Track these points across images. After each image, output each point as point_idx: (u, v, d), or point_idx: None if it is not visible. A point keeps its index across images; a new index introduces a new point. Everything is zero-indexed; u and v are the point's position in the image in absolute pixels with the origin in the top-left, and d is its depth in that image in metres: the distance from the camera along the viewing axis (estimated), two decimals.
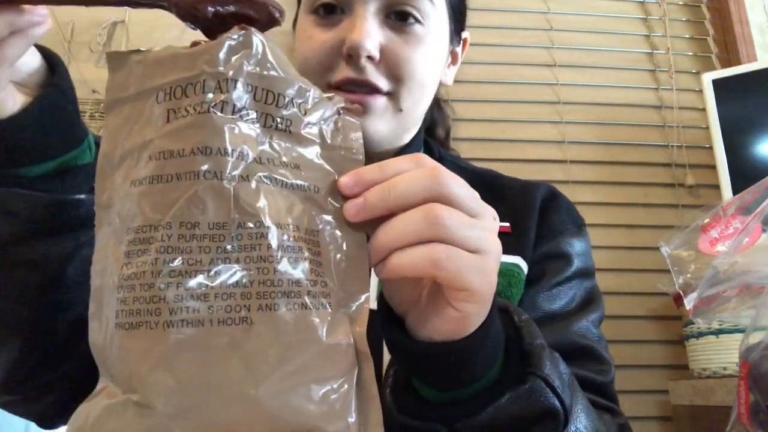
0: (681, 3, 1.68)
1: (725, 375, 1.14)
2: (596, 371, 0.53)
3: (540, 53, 1.60)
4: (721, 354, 1.16)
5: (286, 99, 0.32)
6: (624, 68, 1.61)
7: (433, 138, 0.71)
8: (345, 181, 0.33)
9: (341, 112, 0.35)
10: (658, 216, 1.50)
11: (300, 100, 0.33)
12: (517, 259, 0.57)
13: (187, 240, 0.28)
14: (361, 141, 0.35)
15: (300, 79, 0.33)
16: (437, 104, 0.77)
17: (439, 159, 0.66)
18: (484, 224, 0.33)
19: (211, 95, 0.29)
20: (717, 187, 1.35)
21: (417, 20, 0.54)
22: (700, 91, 1.43)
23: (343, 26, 0.53)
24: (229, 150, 0.29)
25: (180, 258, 0.28)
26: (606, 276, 1.44)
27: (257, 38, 0.31)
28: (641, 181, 1.53)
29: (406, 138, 0.60)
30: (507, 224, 0.60)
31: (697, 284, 0.46)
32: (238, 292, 0.28)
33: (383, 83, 0.54)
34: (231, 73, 0.30)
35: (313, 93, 0.33)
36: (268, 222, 0.29)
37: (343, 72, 0.53)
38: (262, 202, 0.29)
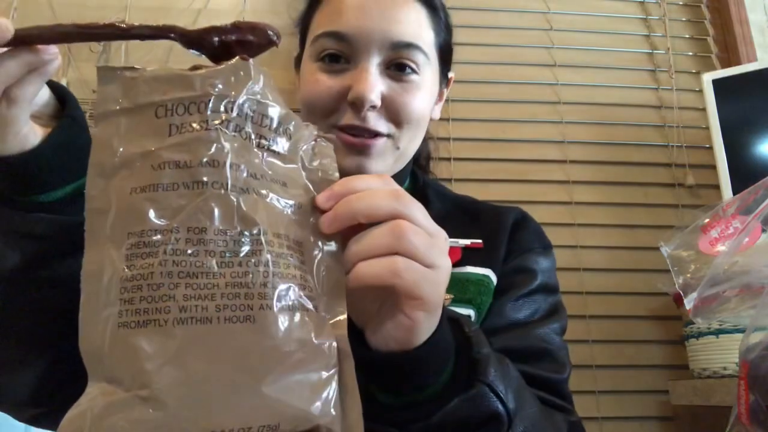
0: (681, 3, 1.68)
1: (725, 375, 1.14)
2: (550, 370, 0.58)
3: (540, 53, 1.60)
4: (721, 354, 1.16)
5: (275, 124, 0.36)
6: (624, 68, 1.60)
7: (416, 165, 0.78)
8: (320, 197, 0.37)
9: (317, 139, 0.40)
10: (658, 216, 1.50)
11: (286, 126, 0.37)
12: (487, 271, 0.63)
13: (195, 244, 0.30)
14: (335, 164, 0.40)
15: (286, 107, 0.37)
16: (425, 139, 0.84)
17: (423, 185, 0.73)
18: (439, 243, 0.39)
19: (216, 114, 0.33)
20: (717, 187, 1.35)
21: (413, 71, 0.60)
22: (700, 91, 1.43)
23: (349, 75, 0.59)
24: (233, 164, 0.32)
25: (188, 260, 0.30)
26: (606, 276, 1.44)
27: (256, 69, 0.35)
28: (641, 181, 1.52)
29: (398, 168, 0.66)
30: (480, 241, 0.66)
31: (697, 284, 0.46)
32: (242, 293, 0.30)
33: (383, 127, 0.59)
34: (234, 95, 0.34)
35: (296, 121, 0.38)
36: (266, 230, 0.32)
37: (348, 118, 0.58)
38: (260, 213, 0.33)
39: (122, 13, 1.49)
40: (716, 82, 1.35)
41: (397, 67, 0.60)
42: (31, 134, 0.41)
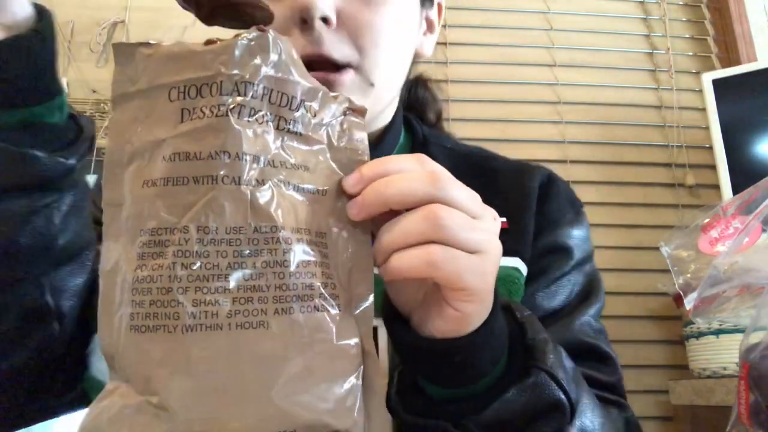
0: (681, 3, 1.68)
1: (725, 375, 1.14)
2: (601, 369, 0.53)
3: (540, 53, 1.60)
4: (721, 354, 1.16)
5: (297, 101, 0.32)
6: (624, 68, 1.61)
7: (424, 122, 0.66)
8: (348, 180, 0.33)
9: (347, 112, 0.35)
10: (658, 216, 1.50)
11: (309, 102, 0.33)
12: (516, 262, 0.55)
13: (205, 244, 0.28)
14: (366, 141, 0.35)
15: (309, 79, 0.33)
16: (424, 84, 0.71)
17: (423, 139, 0.62)
18: (485, 225, 0.34)
19: (228, 98, 0.29)
20: (717, 187, 1.35)
21: None
22: (700, 91, 1.43)
23: None
24: (246, 154, 0.29)
25: (198, 262, 0.28)
26: (606, 276, 1.43)
27: (274, 39, 0.31)
28: (641, 181, 1.53)
29: (384, 118, 0.57)
30: (503, 219, 0.55)
31: (697, 284, 0.46)
32: (255, 297, 0.28)
33: (344, 53, 0.47)
34: (248, 75, 0.30)
35: (322, 94, 0.33)
36: (282, 226, 0.30)
37: (300, 47, 0.46)
38: (276, 207, 0.30)
39: (122, 13, 1.49)
40: (716, 82, 1.35)
41: None
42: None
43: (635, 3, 1.67)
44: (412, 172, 0.33)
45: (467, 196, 0.34)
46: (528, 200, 0.58)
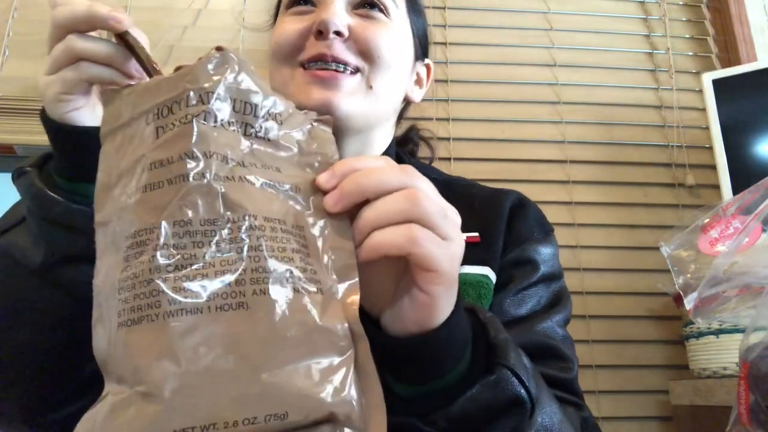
0: (681, 3, 1.68)
1: (725, 375, 1.14)
2: (559, 368, 0.56)
3: (540, 53, 1.60)
4: (721, 354, 1.16)
5: (263, 110, 0.35)
6: (624, 68, 1.60)
7: (402, 149, 0.74)
8: (322, 177, 0.36)
9: (314, 124, 0.38)
10: (658, 216, 1.50)
11: (276, 111, 0.36)
12: (486, 270, 0.60)
13: (181, 237, 0.30)
14: (335, 147, 0.38)
15: (274, 94, 0.37)
16: (420, 135, 0.82)
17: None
18: (452, 215, 0.37)
19: (193, 107, 0.33)
20: (717, 187, 1.35)
21: (382, 11, 0.59)
22: (700, 91, 1.43)
23: (314, 15, 0.57)
24: (215, 153, 0.32)
25: (176, 253, 0.30)
26: (606, 276, 1.44)
27: (231, 57, 0.35)
28: (641, 181, 1.52)
29: (377, 146, 0.63)
30: (476, 234, 0.62)
31: (697, 284, 0.46)
32: (232, 280, 0.30)
33: (352, 58, 0.56)
34: (209, 85, 0.33)
35: (287, 106, 0.37)
36: (254, 215, 0.32)
37: (313, 48, 0.56)
38: (248, 199, 0.32)
39: None
40: (716, 82, 1.35)
41: (364, 6, 0.59)
42: (89, 112, 0.42)
43: (635, 3, 1.67)
44: (384, 166, 0.36)
45: (434, 190, 0.37)
46: (499, 219, 0.64)
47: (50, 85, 0.41)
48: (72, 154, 0.42)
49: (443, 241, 0.35)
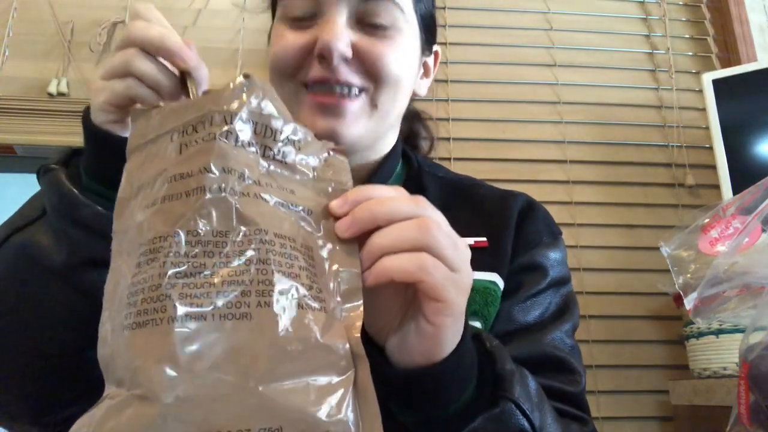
0: (681, 3, 1.68)
1: (725, 375, 1.14)
2: (567, 382, 0.55)
3: (540, 53, 1.60)
4: (721, 354, 1.16)
5: (282, 135, 0.37)
6: (624, 68, 1.61)
7: (417, 151, 0.72)
8: (335, 203, 0.36)
9: (331, 153, 0.40)
10: (658, 216, 1.50)
11: (294, 138, 0.38)
12: (493, 276, 0.58)
13: (193, 246, 0.31)
14: (350, 176, 0.39)
15: (295, 122, 0.38)
16: (420, 119, 0.79)
17: (418, 168, 0.67)
18: (462, 247, 0.37)
19: (217, 126, 0.34)
20: (717, 187, 1.35)
21: (387, 25, 0.55)
22: (700, 91, 1.44)
23: (316, 29, 0.54)
24: (233, 170, 0.33)
25: (186, 262, 0.30)
26: (606, 276, 1.44)
27: (256, 84, 0.36)
28: (641, 181, 1.53)
29: (384, 146, 0.61)
30: (484, 239, 0.60)
31: (697, 284, 0.46)
32: (238, 290, 0.30)
33: (357, 80, 0.54)
34: (234, 107, 0.35)
35: (306, 134, 0.38)
36: (266, 230, 0.32)
37: (317, 71, 0.53)
38: (261, 215, 0.33)
39: (122, 13, 1.49)
40: (716, 82, 1.35)
41: (369, 20, 0.54)
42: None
43: (635, 3, 1.67)
44: (396, 195, 0.37)
45: (445, 221, 0.37)
46: (508, 223, 0.62)
47: (100, 92, 0.42)
48: (108, 162, 0.42)
49: (453, 272, 0.35)
